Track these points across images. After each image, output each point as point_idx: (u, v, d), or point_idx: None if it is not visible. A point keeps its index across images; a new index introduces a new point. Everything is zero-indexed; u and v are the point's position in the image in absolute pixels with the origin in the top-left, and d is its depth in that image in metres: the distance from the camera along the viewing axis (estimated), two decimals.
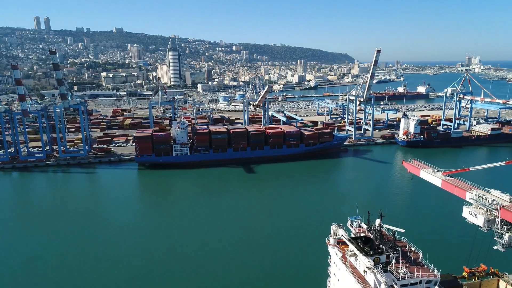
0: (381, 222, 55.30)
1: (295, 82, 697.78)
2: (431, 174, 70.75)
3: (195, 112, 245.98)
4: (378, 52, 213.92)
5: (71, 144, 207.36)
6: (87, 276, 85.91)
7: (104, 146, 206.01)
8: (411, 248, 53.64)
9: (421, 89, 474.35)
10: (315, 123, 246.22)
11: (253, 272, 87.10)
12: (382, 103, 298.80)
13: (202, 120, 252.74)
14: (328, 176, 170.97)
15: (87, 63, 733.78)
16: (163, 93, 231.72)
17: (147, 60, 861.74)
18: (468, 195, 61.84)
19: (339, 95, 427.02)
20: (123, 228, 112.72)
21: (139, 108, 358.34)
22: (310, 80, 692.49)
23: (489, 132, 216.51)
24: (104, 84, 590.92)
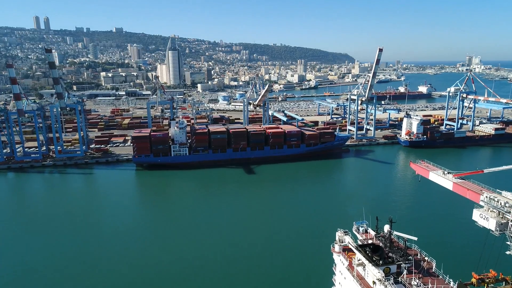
0: (390, 229, 51.65)
1: (295, 82, 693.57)
2: (441, 176, 67.05)
3: (195, 111, 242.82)
4: (381, 50, 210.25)
5: (68, 144, 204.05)
6: (84, 278, 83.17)
7: (102, 146, 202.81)
8: (423, 256, 49.99)
9: (422, 88, 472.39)
10: (316, 123, 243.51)
11: (252, 279, 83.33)
12: (383, 102, 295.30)
13: (201, 120, 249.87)
14: (330, 177, 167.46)
15: (86, 63, 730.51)
16: (161, 92, 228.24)
17: (147, 60, 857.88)
18: (481, 199, 58.17)
19: (340, 94, 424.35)
20: (120, 230, 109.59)
21: (138, 108, 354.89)
22: (310, 80, 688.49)
23: (493, 132, 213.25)
24: (103, 84, 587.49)
